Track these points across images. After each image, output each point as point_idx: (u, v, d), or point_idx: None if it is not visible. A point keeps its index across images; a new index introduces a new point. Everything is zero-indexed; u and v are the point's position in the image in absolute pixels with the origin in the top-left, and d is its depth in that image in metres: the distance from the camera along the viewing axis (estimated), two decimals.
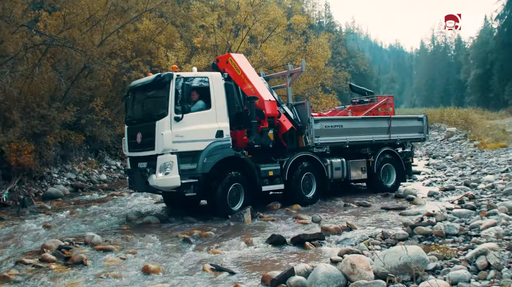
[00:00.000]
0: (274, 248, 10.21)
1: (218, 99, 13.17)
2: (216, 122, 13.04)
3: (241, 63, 14.74)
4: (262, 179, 13.90)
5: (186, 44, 27.21)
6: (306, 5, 61.64)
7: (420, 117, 18.22)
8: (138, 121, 13.52)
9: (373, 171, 16.36)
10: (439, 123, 42.81)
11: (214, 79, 13.33)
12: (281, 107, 15.00)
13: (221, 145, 13.02)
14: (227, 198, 13.10)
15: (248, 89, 14.32)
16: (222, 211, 13.00)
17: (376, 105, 17.53)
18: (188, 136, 12.45)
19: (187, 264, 9.25)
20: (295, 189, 14.62)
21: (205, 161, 12.64)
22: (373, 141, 16.46)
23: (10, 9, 16.60)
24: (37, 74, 18.46)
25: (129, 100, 14.16)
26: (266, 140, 14.02)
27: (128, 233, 11.72)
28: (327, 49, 30.79)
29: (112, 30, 21.40)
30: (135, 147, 13.37)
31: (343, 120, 16.24)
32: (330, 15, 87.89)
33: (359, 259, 7.20)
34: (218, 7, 30.32)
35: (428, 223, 10.07)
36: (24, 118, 17.10)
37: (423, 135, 18.03)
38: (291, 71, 16.77)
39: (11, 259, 9.68)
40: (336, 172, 15.51)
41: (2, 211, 14.45)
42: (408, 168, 17.75)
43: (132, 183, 13.96)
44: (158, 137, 12.24)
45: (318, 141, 15.01)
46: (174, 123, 12.25)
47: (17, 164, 16.49)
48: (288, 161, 14.49)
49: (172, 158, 12.20)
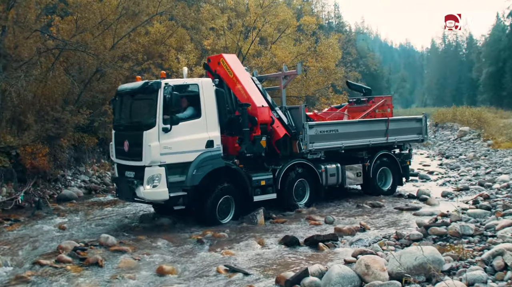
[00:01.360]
0: (288, 249, 10.28)
1: (208, 107, 12.53)
2: (206, 132, 12.43)
3: (233, 65, 14.07)
4: (254, 189, 13.26)
5: (197, 47, 27.25)
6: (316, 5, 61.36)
7: (419, 118, 17.66)
8: (125, 128, 13.04)
9: (369, 176, 15.84)
10: (451, 123, 42.56)
11: (204, 85, 12.66)
12: (275, 111, 14.31)
13: (211, 155, 12.40)
14: (216, 211, 12.56)
15: (240, 93, 13.73)
16: (210, 225, 12.34)
17: (374, 106, 16.93)
18: (177, 148, 11.91)
19: (201, 265, 9.33)
20: (287, 196, 14.08)
21: (195, 172, 12.06)
22: (370, 144, 15.86)
23: (24, 15, 16.77)
24: (50, 78, 18.60)
25: (116, 104, 13.52)
26: (258, 149, 13.43)
27: (142, 234, 11.84)
28: (337, 50, 30.72)
29: (124, 34, 21.48)
30: (122, 154, 12.84)
31: (339, 124, 15.62)
32: (339, 16, 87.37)
33: (373, 259, 7.23)
34: (228, 9, 30.33)
35: (442, 223, 10.05)
36: (38, 122, 17.25)
37: (421, 136, 17.40)
38: (285, 73, 15.98)
39: (28, 260, 9.83)
40: (331, 178, 14.93)
41: (18, 213, 14.58)
42: (406, 171, 17.09)
43: (119, 192, 13.44)
44: (146, 149, 11.69)
45: (312, 148, 14.44)
46: (162, 134, 11.70)
47: (32, 166, 16.61)
48: (281, 169, 13.92)
49: (160, 170, 11.69)
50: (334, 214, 13.37)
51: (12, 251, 10.57)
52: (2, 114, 16.75)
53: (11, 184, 16.09)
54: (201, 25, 28.22)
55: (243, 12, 29.57)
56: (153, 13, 22.62)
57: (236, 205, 12.97)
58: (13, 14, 16.50)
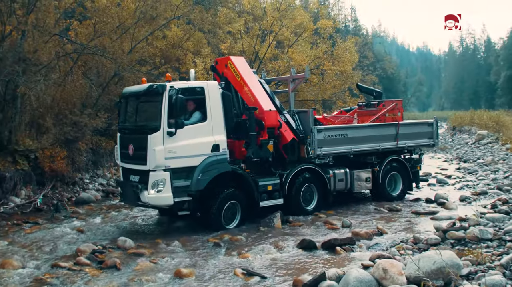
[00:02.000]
0: (305, 253, 10.27)
1: (214, 111, 12.31)
2: (212, 135, 12.21)
3: (240, 67, 13.80)
4: (260, 194, 13.01)
5: (213, 50, 27.38)
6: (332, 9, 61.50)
7: (430, 122, 17.21)
8: (130, 132, 12.88)
9: (378, 181, 15.50)
10: (469, 127, 42.20)
11: (210, 88, 12.43)
12: (283, 115, 14.07)
13: (217, 159, 12.18)
14: (222, 217, 12.35)
15: (247, 96, 13.51)
16: (216, 230, 12.19)
17: (384, 111, 16.53)
18: (182, 152, 11.70)
19: (219, 269, 9.36)
20: (295, 201, 13.79)
21: (200, 177, 11.85)
22: (380, 149, 15.50)
23: (43, 19, 16.95)
24: (69, 81, 18.78)
25: (122, 107, 13.30)
26: (265, 153, 13.20)
27: (159, 237, 11.89)
28: (354, 53, 30.58)
29: (141, 38, 21.64)
30: (127, 158, 12.63)
31: (348, 129, 15.26)
32: (356, 19, 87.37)
33: (391, 263, 7.20)
34: (245, 13, 30.44)
35: (460, 227, 9.98)
36: (57, 125, 17.41)
37: (432, 141, 16.95)
38: (293, 76, 15.70)
39: (46, 262, 9.93)
40: (339, 183, 14.64)
41: (36, 216, 14.73)
42: (416, 176, 16.76)
43: (124, 196, 13.22)
44: (150, 153, 11.50)
45: (320, 152, 14.16)
46: (167, 138, 11.48)
47: (50, 169, 16.78)
48: (288, 174, 13.68)
49: (165, 175, 11.50)
50: (351, 218, 13.33)
51: (31, 253, 10.70)
52: (21, 118, 16.91)
53: (30, 187, 16.24)
54: (218, 29, 28.35)
55: (260, 16, 29.65)
56: (171, 17, 22.77)
57: (242, 210, 12.76)
58: (32, 19, 16.68)
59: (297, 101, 28.53)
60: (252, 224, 12.89)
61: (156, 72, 22.43)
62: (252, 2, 30.92)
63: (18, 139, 16.50)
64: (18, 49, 16.14)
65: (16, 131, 16.56)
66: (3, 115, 16.07)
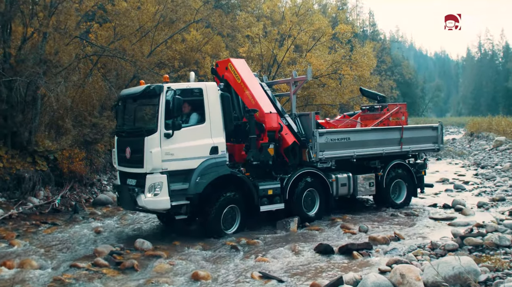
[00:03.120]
0: (322, 257, 10.25)
1: (213, 112, 12.03)
2: (211, 138, 11.92)
3: (241, 70, 13.48)
4: (261, 198, 12.65)
5: (232, 54, 27.46)
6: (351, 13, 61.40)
7: (435, 126, 16.85)
8: (127, 135, 12.52)
9: (382, 186, 15.12)
10: (487, 133, 41.91)
11: (209, 90, 12.14)
12: (284, 119, 13.73)
13: (216, 162, 11.87)
14: (221, 221, 12.04)
15: (248, 99, 13.22)
16: (215, 235, 11.92)
17: (388, 114, 16.11)
18: (180, 154, 11.41)
19: (236, 272, 9.38)
20: (296, 206, 13.43)
21: (198, 180, 11.53)
22: (383, 153, 15.16)
23: (64, 22, 17.15)
24: (88, 83, 19.01)
25: (119, 110, 12.99)
26: (265, 157, 12.83)
27: (176, 239, 11.94)
28: (372, 58, 30.53)
29: (161, 41, 21.81)
30: (124, 161, 12.30)
31: (351, 132, 14.95)
32: (374, 24, 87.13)
33: (408, 269, 7.20)
34: (264, 17, 30.57)
35: (478, 233, 9.94)
36: (76, 127, 17.63)
37: (437, 145, 16.60)
38: (295, 78, 15.21)
39: (65, 263, 10.02)
40: (342, 188, 14.29)
41: (55, 216, 14.89)
42: (420, 182, 16.33)
43: (121, 200, 12.78)
44: (147, 155, 11.19)
45: (323, 156, 13.81)
46: (164, 140, 11.19)
47: (69, 170, 16.96)
48: (289, 178, 13.31)
49: (162, 178, 11.19)
50: (368, 223, 13.27)
51: (50, 254, 10.81)
52: (41, 119, 17.14)
53: (49, 187, 16.41)
54: (237, 33, 28.46)
55: (279, 20, 29.76)
56: (190, 20, 22.90)
57: (242, 215, 12.45)
58: (53, 21, 16.89)
59: (314, 106, 28.66)
60: (268, 226, 12.89)
61: (175, 75, 22.56)
62: (271, 6, 31.07)
63: (37, 141, 16.73)
64: (40, 51, 16.38)
65: (36, 133, 16.78)
66: (24, 116, 16.27)
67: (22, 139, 16.27)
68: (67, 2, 17.07)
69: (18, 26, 17.17)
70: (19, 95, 15.70)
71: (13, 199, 15.33)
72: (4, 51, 15.96)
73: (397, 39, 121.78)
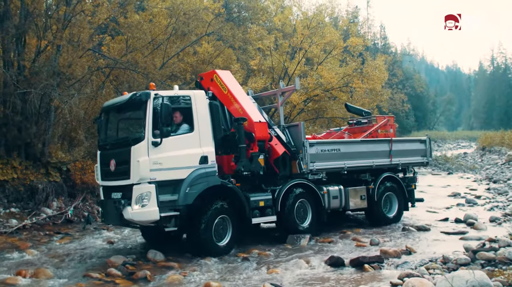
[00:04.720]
0: (333, 270, 10.20)
1: (202, 121, 11.63)
2: (200, 147, 11.48)
3: (227, 81, 13.13)
4: (252, 210, 12.23)
5: (243, 67, 27.62)
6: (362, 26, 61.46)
7: (423, 139, 16.80)
8: (111, 147, 11.88)
9: (373, 199, 14.84)
10: (499, 147, 41.66)
11: (197, 98, 11.77)
12: (273, 130, 13.49)
13: (206, 172, 11.41)
14: (212, 233, 11.43)
15: (235, 110, 12.78)
16: (206, 248, 11.38)
17: (376, 126, 16.02)
18: (168, 163, 10.92)
19: (247, 283, 9.37)
20: (288, 218, 13.03)
21: (188, 191, 11.04)
22: (373, 166, 15.00)
23: (77, 34, 17.36)
24: (101, 95, 19.15)
25: (102, 123, 12.45)
26: (256, 167, 12.40)
27: (188, 251, 11.94)
28: (384, 71, 30.46)
29: (173, 54, 21.97)
30: (108, 175, 11.71)
31: (341, 143, 14.78)
32: (385, 37, 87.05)
33: (420, 282, 7.19)
34: (275, 29, 30.69)
35: (491, 248, 9.84)
36: (88, 138, 17.75)
37: (426, 159, 16.55)
38: (283, 89, 15.08)
39: (78, 273, 10.08)
40: (334, 201, 13.93)
41: (67, 227, 15.01)
42: (411, 195, 16.16)
43: (105, 215, 12.03)
44: (134, 165, 10.69)
45: (313, 167, 13.54)
46: (152, 148, 10.71)
47: (81, 182, 17.11)
48: (280, 189, 12.94)
49: (150, 188, 10.64)
50: (380, 236, 13.25)
51: (64, 264, 10.90)
52: (54, 131, 17.29)
53: (62, 198, 16.54)
54: (248, 45, 28.58)
55: (290, 33, 29.85)
56: (202, 33, 23.04)
57: (234, 227, 11.89)
58: (67, 34, 17.11)
59: (325, 119, 28.66)
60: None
61: (187, 87, 22.69)
62: (282, 19, 31.20)
63: (51, 152, 16.91)
64: (53, 63, 16.58)
65: (49, 144, 16.95)
66: (37, 128, 16.45)
67: (35, 150, 16.45)
68: (80, 15, 17.30)
69: (32, 39, 17.42)
70: (33, 107, 15.89)
71: (27, 209, 15.49)
72: (18, 64, 16.18)
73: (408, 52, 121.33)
